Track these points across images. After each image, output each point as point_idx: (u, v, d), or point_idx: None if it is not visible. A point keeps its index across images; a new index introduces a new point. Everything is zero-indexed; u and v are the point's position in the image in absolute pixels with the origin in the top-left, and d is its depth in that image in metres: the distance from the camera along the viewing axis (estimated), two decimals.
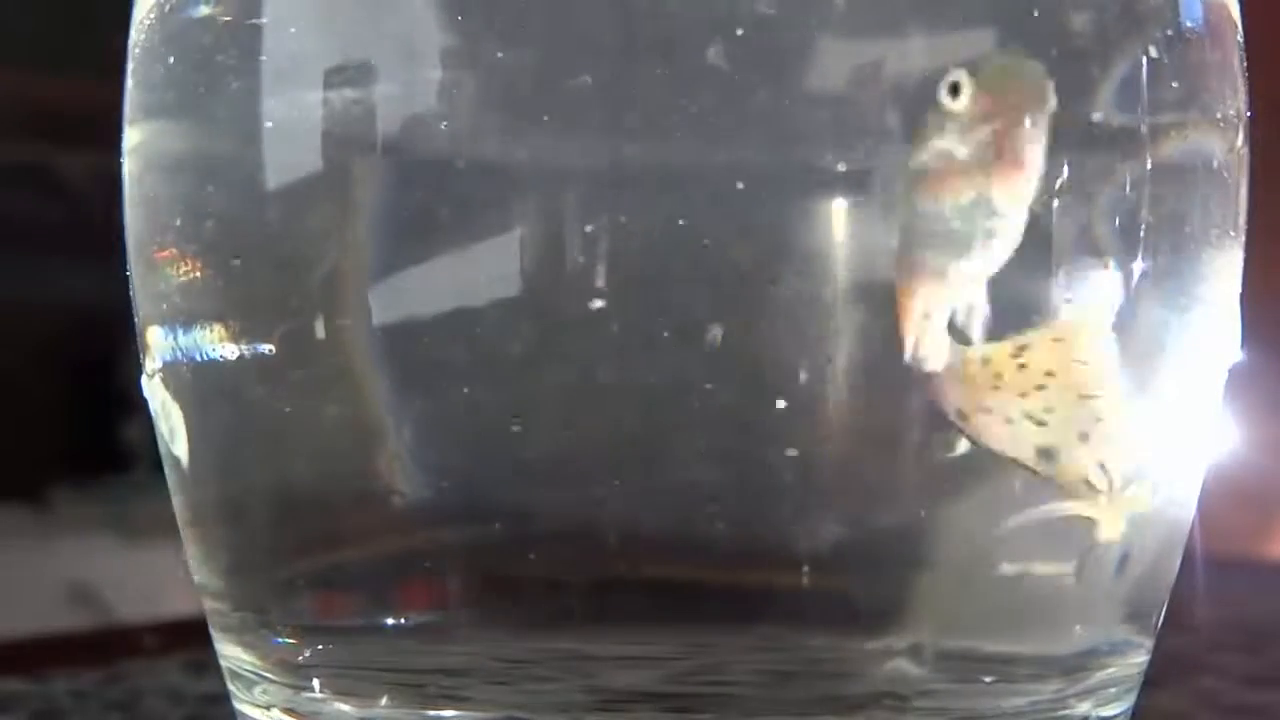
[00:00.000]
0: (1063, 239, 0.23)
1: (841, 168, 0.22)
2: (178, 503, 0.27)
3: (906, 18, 0.22)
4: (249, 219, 0.24)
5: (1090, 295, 0.23)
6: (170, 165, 0.26)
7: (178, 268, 0.25)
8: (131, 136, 0.26)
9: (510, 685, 0.24)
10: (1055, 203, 0.22)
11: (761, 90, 0.22)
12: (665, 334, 0.22)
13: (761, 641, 0.23)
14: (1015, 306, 0.22)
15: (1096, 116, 0.23)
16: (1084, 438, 0.23)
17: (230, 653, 0.26)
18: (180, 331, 0.25)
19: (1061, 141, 0.22)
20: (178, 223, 0.25)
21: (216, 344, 0.24)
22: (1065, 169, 0.22)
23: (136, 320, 0.27)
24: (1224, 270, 0.25)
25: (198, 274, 0.25)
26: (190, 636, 0.33)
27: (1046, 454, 0.23)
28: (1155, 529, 0.25)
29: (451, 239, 0.23)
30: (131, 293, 0.27)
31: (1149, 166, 0.23)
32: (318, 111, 0.23)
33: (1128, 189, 0.23)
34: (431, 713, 0.24)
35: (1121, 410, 0.23)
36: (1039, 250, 0.22)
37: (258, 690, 0.25)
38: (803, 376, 0.22)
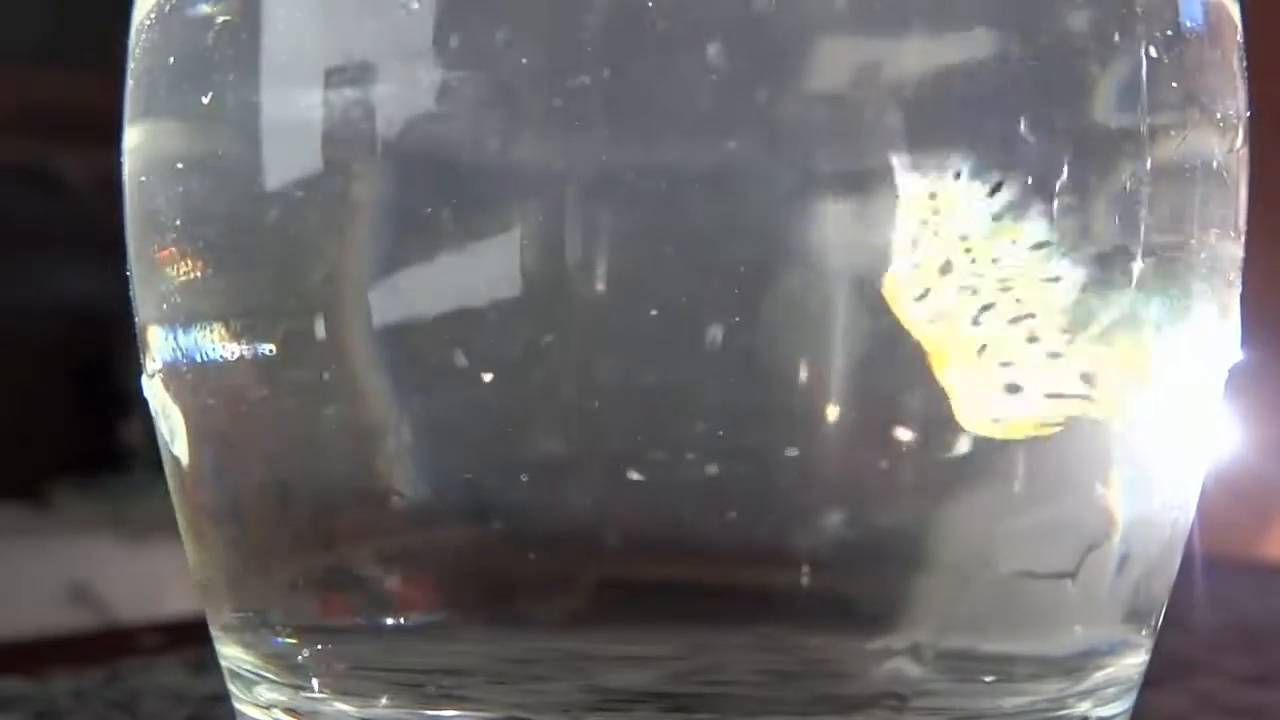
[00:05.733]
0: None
1: (841, 167, 0.22)
2: (178, 503, 0.27)
3: (906, 18, 0.22)
4: (249, 219, 0.24)
5: None
6: (170, 165, 0.26)
7: (178, 268, 0.25)
8: (131, 136, 0.26)
9: (510, 685, 0.24)
10: (1055, 203, 0.22)
11: (760, 89, 0.22)
12: (665, 333, 0.22)
13: (761, 641, 0.23)
14: None
15: (1096, 116, 0.23)
16: None
17: (230, 653, 0.26)
18: (180, 331, 0.25)
19: (1062, 141, 0.22)
20: (178, 223, 0.25)
21: (216, 344, 0.24)
22: (1065, 169, 0.22)
23: (136, 320, 0.27)
24: (1224, 270, 0.25)
25: (198, 274, 0.25)
26: (190, 636, 0.33)
27: None
28: (1155, 529, 0.25)
29: (451, 239, 0.23)
30: (131, 293, 0.27)
31: (1149, 166, 0.23)
32: (318, 111, 0.23)
33: (1128, 189, 0.23)
34: (431, 713, 0.24)
35: None
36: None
37: (258, 690, 0.25)
38: (802, 375, 0.22)
